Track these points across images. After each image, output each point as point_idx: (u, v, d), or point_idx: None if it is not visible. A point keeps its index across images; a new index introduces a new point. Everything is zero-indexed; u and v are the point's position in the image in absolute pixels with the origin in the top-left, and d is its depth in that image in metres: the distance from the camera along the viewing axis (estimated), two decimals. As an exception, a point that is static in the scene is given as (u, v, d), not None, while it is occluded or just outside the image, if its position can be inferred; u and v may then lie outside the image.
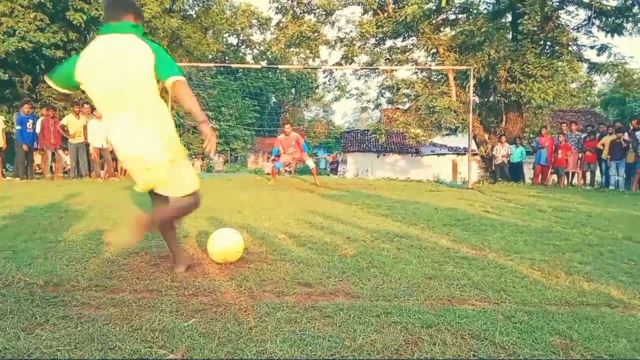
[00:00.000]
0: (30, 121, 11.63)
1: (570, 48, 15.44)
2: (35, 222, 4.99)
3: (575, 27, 15.62)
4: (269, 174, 25.73)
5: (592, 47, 15.23)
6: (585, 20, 15.31)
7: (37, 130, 11.67)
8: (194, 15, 25.30)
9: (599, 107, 40.15)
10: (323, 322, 2.35)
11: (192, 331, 2.19)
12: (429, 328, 2.30)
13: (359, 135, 36.00)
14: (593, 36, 15.37)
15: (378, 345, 2.10)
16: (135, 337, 2.11)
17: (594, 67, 15.35)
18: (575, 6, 15.26)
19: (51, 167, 12.59)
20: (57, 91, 3.07)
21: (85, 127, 11.71)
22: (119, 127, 2.88)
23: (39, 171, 13.33)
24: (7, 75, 15.87)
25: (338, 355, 2.00)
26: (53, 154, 12.24)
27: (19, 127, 11.49)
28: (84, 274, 3.07)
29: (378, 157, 32.33)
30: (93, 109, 12.25)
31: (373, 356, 2.01)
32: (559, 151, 13.56)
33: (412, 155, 31.31)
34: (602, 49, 14.79)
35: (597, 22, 15.08)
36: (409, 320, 2.38)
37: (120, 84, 2.78)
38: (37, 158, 13.28)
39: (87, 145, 11.75)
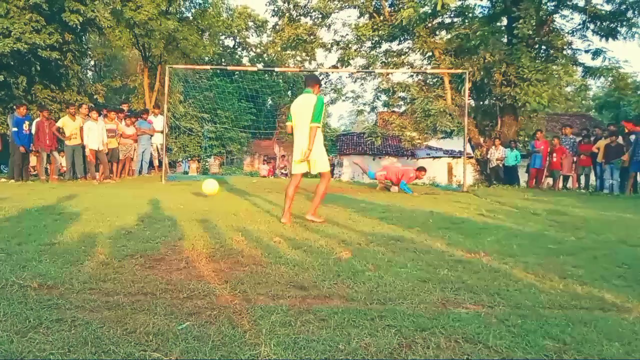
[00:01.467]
0: (27, 122, 11.59)
1: (565, 52, 15.54)
2: (29, 224, 4.97)
3: (570, 31, 15.73)
4: (264, 176, 25.69)
5: (586, 51, 15.33)
6: (580, 24, 15.41)
7: (33, 131, 11.63)
8: (191, 18, 25.23)
9: (593, 110, 40.32)
10: (317, 325, 2.35)
11: (186, 334, 2.19)
12: (423, 331, 2.30)
13: (355, 138, 36.04)
14: (588, 40, 15.49)
15: (372, 349, 2.10)
16: (129, 341, 2.11)
17: (589, 71, 15.43)
18: (570, 10, 15.36)
19: (46, 169, 12.55)
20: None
21: (81, 129, 11.67)
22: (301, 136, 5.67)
23: (34, 173, 13.29)
24: (2, 76, 15.78)
25: (332, 359, 2.01)
26: (48, 156, 12.19)
27: (15, 129, 11.45)
28: (78, 276, 3.07)
29: (374, 159, 32.32)
30: (90, 110, 12.24)
31: (367, 359, 2.02)
32: (554, 154, 13.61)
33: (407, 158, 31.33)
34: (597, 53, 14.89)
35: (591, 26, 15.18)
36: (403, 323, 2.38)
37: (304, 116, 5.64)
38: (33, 160, 13.23)
39: (83, 147, 11.71)
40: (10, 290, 2.76)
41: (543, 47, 15.71)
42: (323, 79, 20.77)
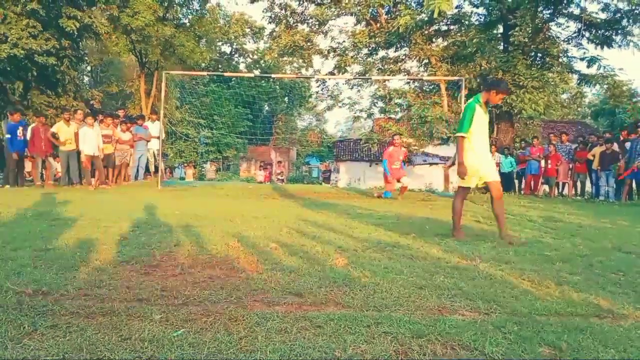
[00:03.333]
0: (21, 128, 11.55)
1: (560, 59, 15.64)
2: (25, 230, 4.95)
3: (566, 39, 15.82)
4: (260, 182, 25.63)
5: (582, 59, 15.41)
6: (575, 32, 15.50)
7: (28, 137, 11.60)
8: (188, 24, 25.30)
9: (589, 118, 40.50)
10: (313, 332, 2.34)
11: (182, 341, 2.18)
12: (419, 338, 2.30)
13: (351, 144, 36.11)
14: (583, 48, 15.58)
15: (368, 356, 2.09)
16: (124, 347, 2.10)
17: (584, 79, 15.51)
18: (566, 18, 15.46)
19: (42, 174, 12.51)
20: None
21: (76, 134, 11.64)
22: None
23: (30, 179, 13.24)
24: (-2, 82, 15.81)
25: (328, 366, 2.00)
26: (43, 162, 12.16)
27: (8, 136, 11.41)
28: (73, 282, 3.05)
29: (370, 166, 32.40)
30: (85, 116, 12.22)
31: (363, 366, 2.01)
32: (549, 161, 13.66)
33: (404, 165, 31.39)
34: (592, 60, 14.97)
35: (587, 34, 15.29)
36: (399, 330, 2.38)
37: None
38: (28, 165, 13.18)
39: (78, 152, 11.68)
40: (5, 296, 2.74)
41: (539, 54, 15.80)
42: (320, 85, 20.84)
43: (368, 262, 3.86)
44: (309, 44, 18.43)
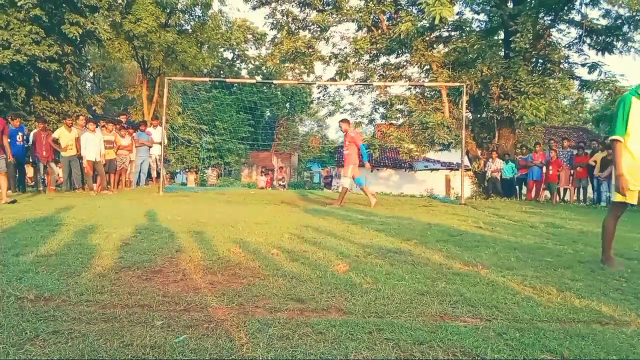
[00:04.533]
0: (20, 134, 11.57)
1: (561, 65, 15.64)
2: (26, 235, 4.96)
3: (567, 45, 15.85)
4: (261, 187, 25.62)
5: (583, 65, 15.42)
6: (576, 38, 15.54)
7: (30, 142, 11.63)
8: (190, 30, 25.41)
9: (590, 124, 40.51)
10: (315, 338, 2.34)
11: (184, 347, 2.18)
12: (421, 345, 2.30)
13: (352, 149, 36.08)
14: (584, 54, 15.60)
15: (370, 362, 2.09)
16: (126, 353, 2.10)
17: (585, 85, 15.51)
18: (567, 25, 15.49)
19: (43, 180, 12.52)
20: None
21: (77, 140, 11.68)
22: None
23: (32, 184, 13.25)
24: (1, 87, 15.85)
25: (330, 372, 2.00)
26: (45, 167, 12.18)
27: (8, 140, 11.42)
28: (75, 288, 3.05)
29: (372, 171, 32.37)
30: (87, 121, 12.26)
31: (365, 373, 2.01)
32: (550, 167, 13.66)
33: (405, 170, 31.42)
34: (593, 66, 14.98)
35: (588, 40, 15.32)
36: (401, 337, 2.38)
37: None
38: (30, 171, 13.19)
39: (79, 157, 11.70)
40: (6, 302, 2.74)
41: (540, 60, 15.82)
42: (321, 91, 20.87)
43: (370, 268, 3.86)
44: (310, 50, 18.46)
